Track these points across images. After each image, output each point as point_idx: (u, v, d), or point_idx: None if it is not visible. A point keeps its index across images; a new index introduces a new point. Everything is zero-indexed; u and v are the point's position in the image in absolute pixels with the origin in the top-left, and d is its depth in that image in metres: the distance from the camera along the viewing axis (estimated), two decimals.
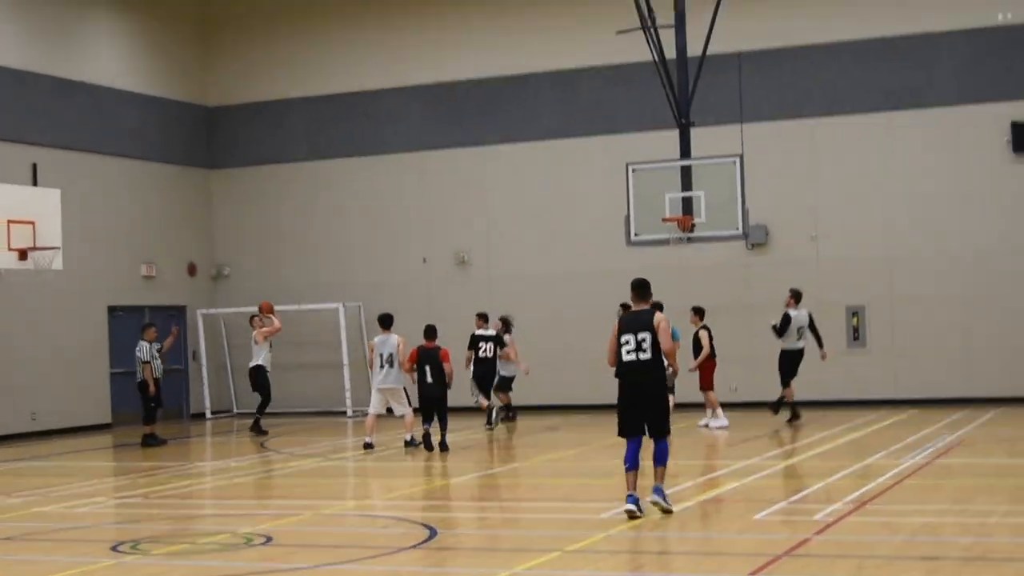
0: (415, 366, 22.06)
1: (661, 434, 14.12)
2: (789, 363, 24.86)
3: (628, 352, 14.14)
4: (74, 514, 15.83)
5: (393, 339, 22.21)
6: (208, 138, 33.38)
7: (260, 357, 26.53)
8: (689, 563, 11.70)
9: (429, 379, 21.87)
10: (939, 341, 27.82)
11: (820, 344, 24.91)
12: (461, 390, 24.85)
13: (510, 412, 26.94)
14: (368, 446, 22.12)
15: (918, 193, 28.20)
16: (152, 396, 25.06)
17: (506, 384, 26.70)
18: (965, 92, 27.96)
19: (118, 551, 12.90)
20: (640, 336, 14.11)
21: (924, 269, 28.02)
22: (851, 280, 28.52)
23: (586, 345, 26.96)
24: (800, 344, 24.94)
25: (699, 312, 25.06)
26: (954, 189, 27.95)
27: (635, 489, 13.73)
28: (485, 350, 25.80)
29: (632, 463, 13.89)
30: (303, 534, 14.00)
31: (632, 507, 13.55)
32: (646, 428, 14.05)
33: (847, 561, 11.32)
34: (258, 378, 26.57)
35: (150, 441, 24.89)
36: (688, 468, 19.07)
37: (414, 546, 12.73)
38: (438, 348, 22.06)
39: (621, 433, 14.20)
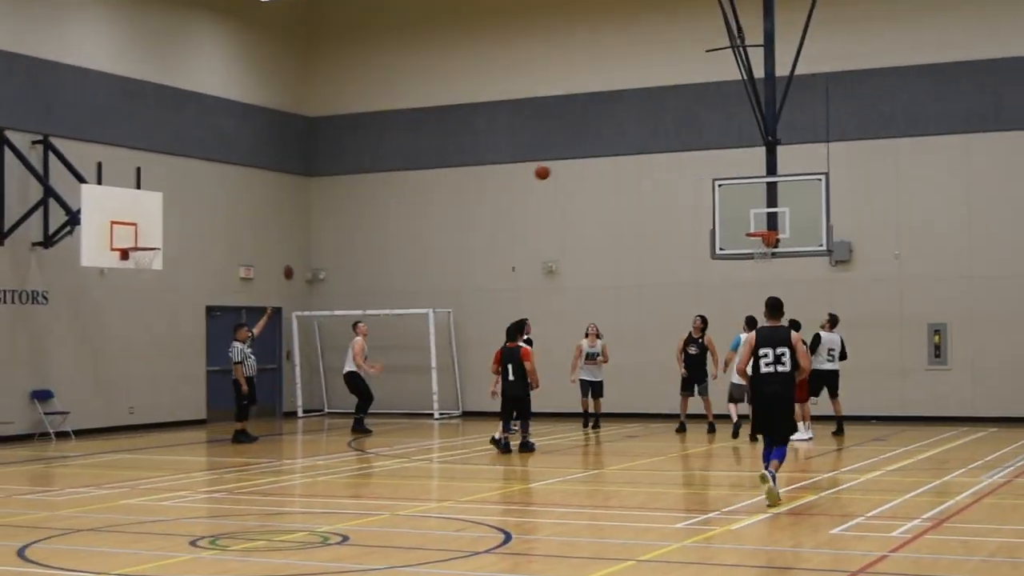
0: (499, 367, 21.73)
1: (783, 440, 15.39)
2: (815, 382, 24.07)
3: (767, 364, 15.32)
4: (159, 507, 15.54)
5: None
6: (307, 147, 33.22)
7: (353, 364, 26.38)
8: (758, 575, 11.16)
9: (511, 377, 21.52)
10: (1019, 360, 26.98)
11: (843, 357, 24.68)
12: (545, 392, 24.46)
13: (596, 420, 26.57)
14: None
15: (998, 213, 27.38)
16: (244, 394, 24.86)
17: (599, 390, 26.39)
18: None
19: (196, 546, 12.57)
20: (779, 351, 15.28)
21: (1005, 288, 27.18)
22: (933, 298, 27.73)
23: (670, 354, 26.34)
24: (828, 366, 24.26)
25: (794, 326, 24.37)
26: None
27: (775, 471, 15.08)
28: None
29: (767, 458, 15.28)
30: (379, 535, 13.60)
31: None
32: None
33: None
34: (354, 382, 26.38)
35: (241, 438, 24.67)
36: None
37: (488, 551, 12.27)
38: (519, 347, 21.71)
39: (756, 431, 16.35)
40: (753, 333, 15.78)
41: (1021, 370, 26.97)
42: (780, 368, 15.24)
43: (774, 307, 15.75)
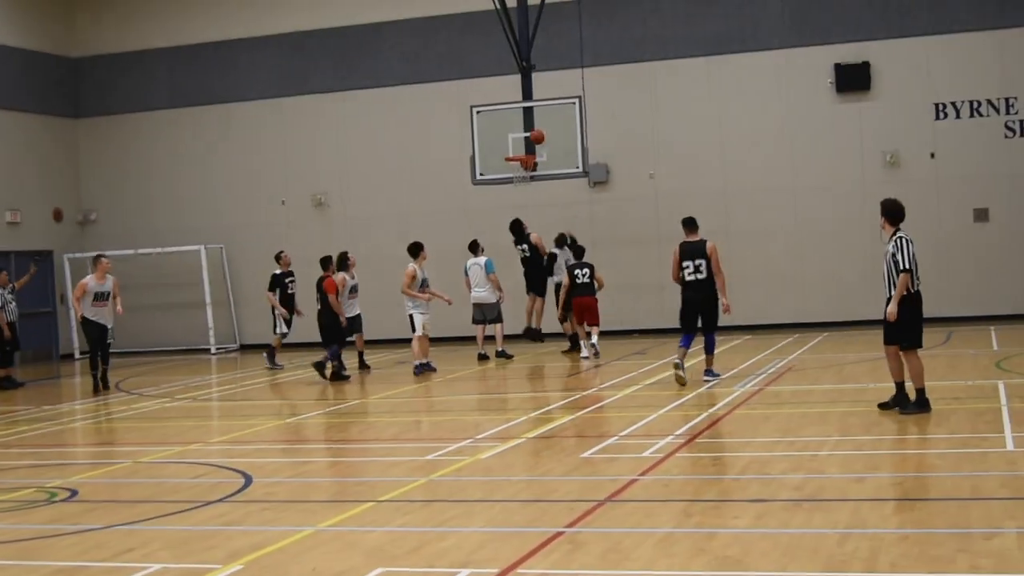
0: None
1: (712, 329, 17.27)
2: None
3: (689, 273, 16.95)
4: None
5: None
6: (71, 88, 30.57)
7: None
8: (503, 513, 9.70)
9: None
10: (772, 269, 26.27)
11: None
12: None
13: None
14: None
15: (750, 132, 26.53)
16: (7, 340, 22.62)
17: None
18: (791, 37, 26.33)
19: None
20: (697, 261, 16.92)
21: (757, 203, 26.39)
22: (688, 214, 26.69)
23: (443, 276, 24.74)
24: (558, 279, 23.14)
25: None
26: (782, 128, 26.36)
27: (682, 359, 16.90)
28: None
29: (685, 344, 17.05)
30: (111, 487, 11.84)
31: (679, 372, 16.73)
32: (700, 324, 17.15)
33: (672, 506, 9.44)
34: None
35: (5, 384, 22.44)
36: (523, 401, 17.22)
37: (222, 499, 10.65)
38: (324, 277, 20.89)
39: (683, 326, 17.20)
40: (677, 247, 17.17)
41: (774, 278, 26.28)
42: (699, 276, 16.89)
43: (691, 224, 17.37)
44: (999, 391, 14.73)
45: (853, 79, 25.95)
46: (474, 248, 23.08)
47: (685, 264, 17.01)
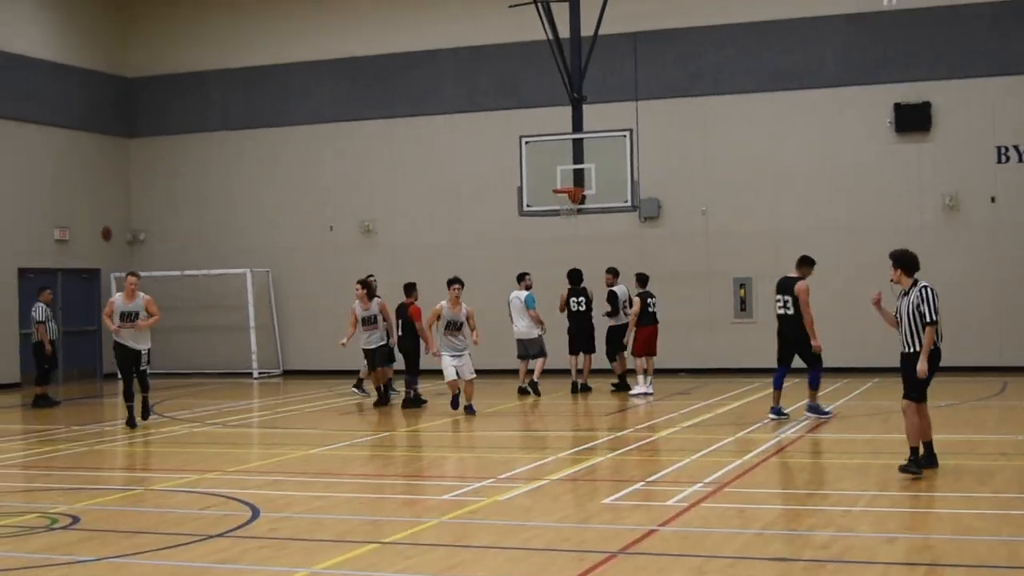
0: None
1: (811, 365, 17.18)
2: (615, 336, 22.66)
3: (778, 308, 17.02)
4: None
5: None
6: (126, 108, 30.49)
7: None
8: (509, 562, 9.17)
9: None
10: (821, 311, 25.46)
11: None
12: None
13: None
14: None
15: (805, 171, 25.88)
16: (47, 357, 22.41)
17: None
18: (849, 75, 25.68)
19: None
20: (785, 297, 16.95)
21: (808, 243, 25.58)
22: (739, 253, 26.19)
23: (489, 308, 24.22)
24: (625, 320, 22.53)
25: (639, 279, 22.51)
26: (839, 167, 25.70)
27: (776, 403, 17.20)
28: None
29: (777, 384, 17.17)
30: (115, 515, 11.42)
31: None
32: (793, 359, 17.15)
33: (687, 562, 8.87)
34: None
35: (41, 402, 22.26)
36: (556, 440, 16.65)
37: (221, 534, 10.21)
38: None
39: (780, 360, 17.15)
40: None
41: (825, 320, 25.37)
42: (787, 312, 16.92)
43: (799, 261, 17.31)
44: None
45: (913, 119, 25.24)
46: (520, 280, 22.61)
47: (776, 297, 17.10)
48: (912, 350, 12.21)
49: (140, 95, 30.57)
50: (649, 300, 21.88)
